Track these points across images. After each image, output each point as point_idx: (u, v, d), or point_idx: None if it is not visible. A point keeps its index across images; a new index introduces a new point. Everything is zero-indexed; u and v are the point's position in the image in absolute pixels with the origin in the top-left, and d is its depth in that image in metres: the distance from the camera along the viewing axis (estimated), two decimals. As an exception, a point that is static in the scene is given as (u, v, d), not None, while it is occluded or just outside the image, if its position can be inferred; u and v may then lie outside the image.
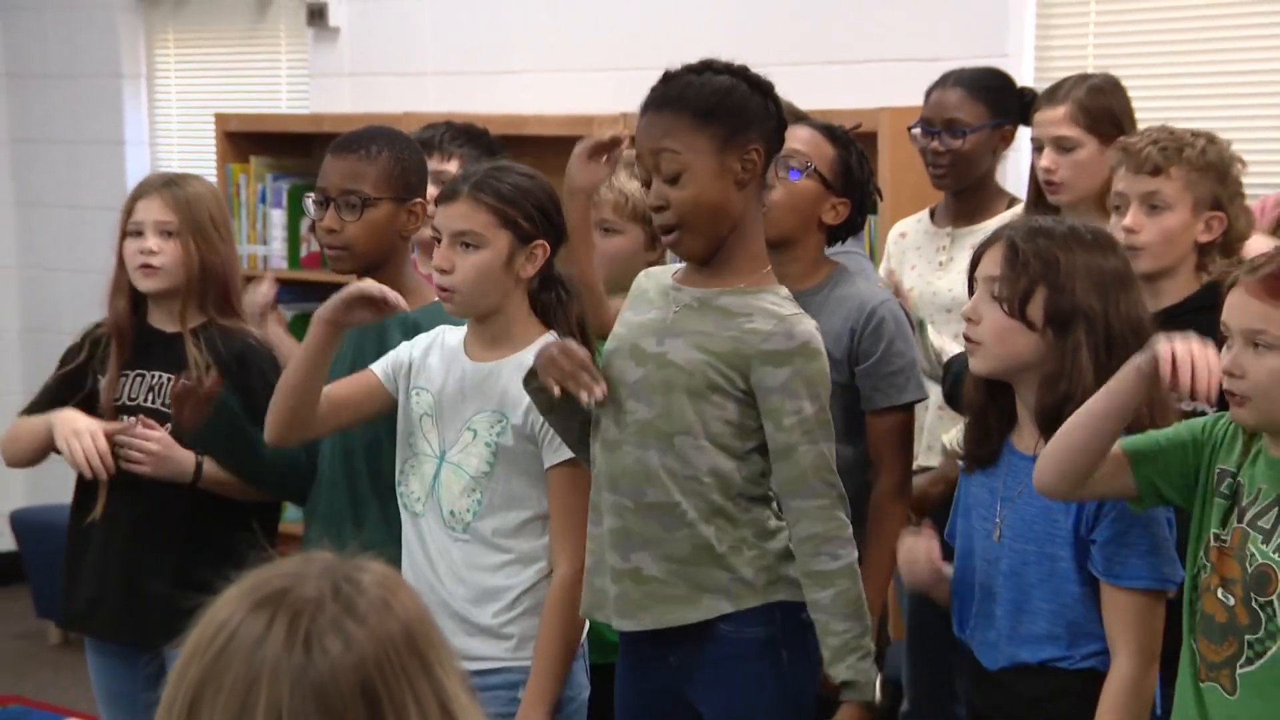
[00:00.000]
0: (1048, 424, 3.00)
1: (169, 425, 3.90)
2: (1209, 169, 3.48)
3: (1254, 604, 2.72)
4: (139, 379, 3.99)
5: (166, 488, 3.89)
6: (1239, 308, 2.75)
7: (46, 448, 3.99)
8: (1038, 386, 3.04)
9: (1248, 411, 2.74)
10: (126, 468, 3.87)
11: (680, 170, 3.18)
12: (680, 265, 3.35)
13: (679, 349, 3.23)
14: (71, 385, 4.06)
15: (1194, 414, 3.24)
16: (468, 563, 3.44)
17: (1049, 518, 3.03)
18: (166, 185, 4.01)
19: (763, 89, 3.25)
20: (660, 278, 3.36)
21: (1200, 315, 3.35)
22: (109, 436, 3.86)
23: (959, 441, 3.43)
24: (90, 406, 3.99)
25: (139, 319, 4.02)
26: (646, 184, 3.25)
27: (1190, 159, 3.47)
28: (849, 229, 3.81)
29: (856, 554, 3.24)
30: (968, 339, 3.11)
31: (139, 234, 3.95)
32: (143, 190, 4.02)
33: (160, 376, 3.96)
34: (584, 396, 3.19)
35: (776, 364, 3.17)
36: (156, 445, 3.86)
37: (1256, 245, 3.48)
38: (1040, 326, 3.03)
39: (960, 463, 3.25)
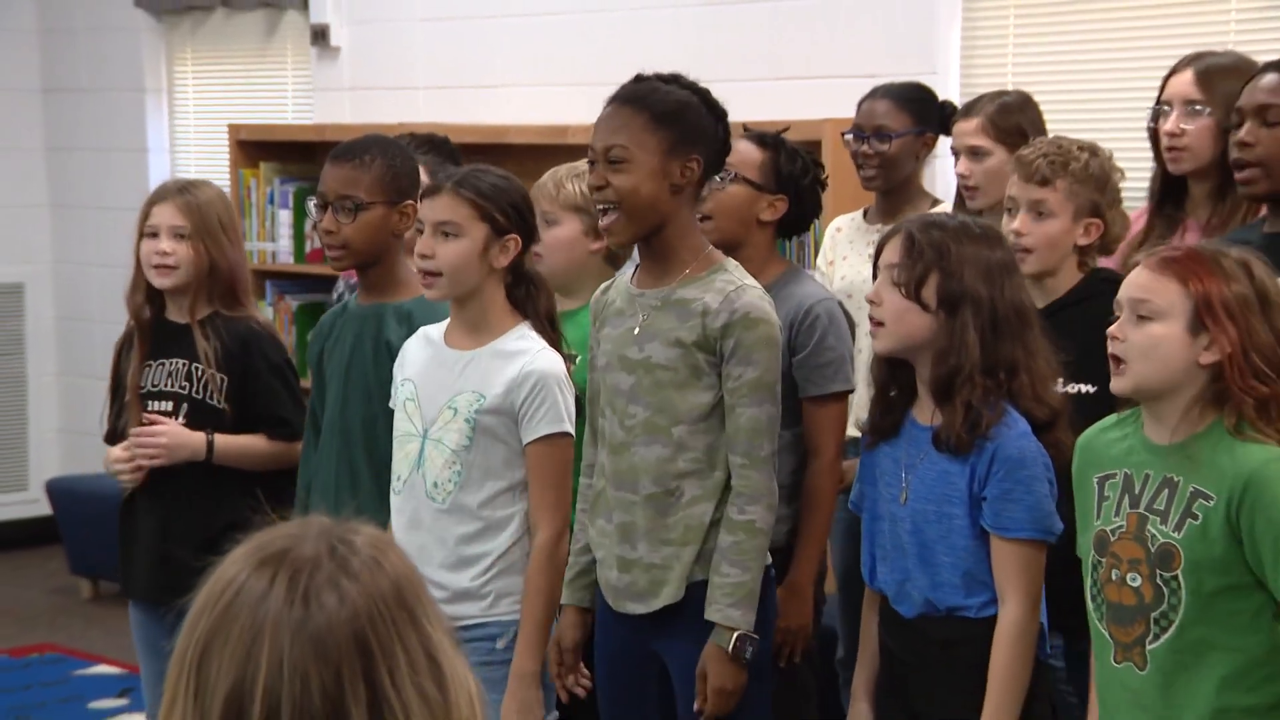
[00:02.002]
0: (940, 394, 3.04)
1: (184, 406, 3.93)
2: (1090, 180, 3.52)
3: (1158, 580, 2.71)
4: (160, 368, 3.99)
5: (186, 468, 3.92)
6: (1131, 283, 2.77)
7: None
8: (931, 361, 3.06)
9: (1125, 378, 2.74)
10: (147, 464, 3.93)
11: (625, 160, 3.19)
12: (633, 270, 3.35)
13: (658, 350, 3.24)
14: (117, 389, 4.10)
15: (1078, 394, 3.29)
16: (449, 532, 3.43)
17: (947, 480, 3.05)
18: (180, 191, 4.01)
19: (717, 113, 3.26)
20: (621, 288, 3.36)
21: (1081, 306, 3.45)
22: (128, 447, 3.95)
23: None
24: (119, 399, 4.04)
25: (157, 313, 4.02)
26: (593, 164, 3.25)
27: (1074, 172, 3.51)
28: (795, 223, 3.80)
29: (767, 516, 3.22)
30: (872, 320, 3.13)
31: (154, 236, 3.95)
32: (158, 196, 4.02)
33: (176, 363, 3.97)
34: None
35: (725, 335, 3.19)
36: (165, 439, 3.91)
37: None
38: (934, 308, 3.05)
39: (865, 437, 3.26)
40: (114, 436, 4.05)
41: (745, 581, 3.19)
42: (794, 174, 3.72)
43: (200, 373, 3.94)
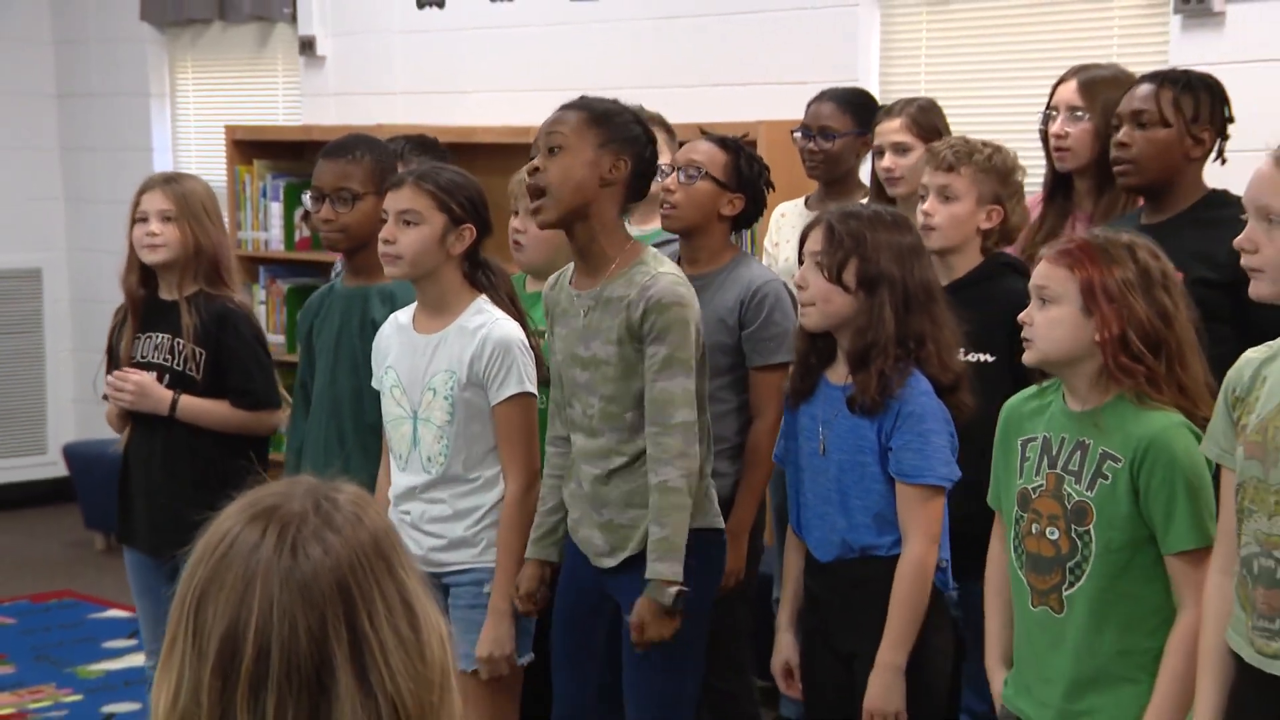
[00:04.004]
0: (857, 363, 3.07)
1: (167, 376, 3.94)
2: (992, 171, 3.54)
3: (1073, 534, 2.72)
4: (148, 340, 4.00)
5: (179, 430, 3.93)
6: (1036, 271, 2.79)
7: (123, 416, 4.06)
8: (850, 335, 3.09)
9: (1031, 353, 2.77)
10: (114, 400, 3.97)
11: (562, 147, 3.20)
12: (570, 271, 3.35)
13: (600, 347, 3.25)
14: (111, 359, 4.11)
15: (978, 363, 3.32)
16: (446, 493, 3.44)
17: (858, 432, 3.08)
18: (166, 181, 4.03)
19: (648, 133, 3.29)
20: (564, 288, 3.35)
21: (982, 285, 3.49)
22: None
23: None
24: (114, 365, 4.04)
25: (149, 292, 4.02)
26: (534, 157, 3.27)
27: (978, 162, 3.54)
28: (748, 218, 3.83)
29: (680, 474, 3.18)
30: (800, 301, 3.16)
31: (144, 220, 3.95)
32: (147, 186, 4.03)
33: (161, 337, 3.98)
34: None
35: (643, 321, 3.20)
36: (133, 385, 3.92)
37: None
38: (854, 289, 3.07)
39: (787, 399, 3.28)
40: None
41: (667, 536, 3.17)
42: (752, 176, 3.75)
43: (181, 346, 3.94)
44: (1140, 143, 3.45)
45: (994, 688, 2.93)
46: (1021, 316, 2.78)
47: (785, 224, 4.48)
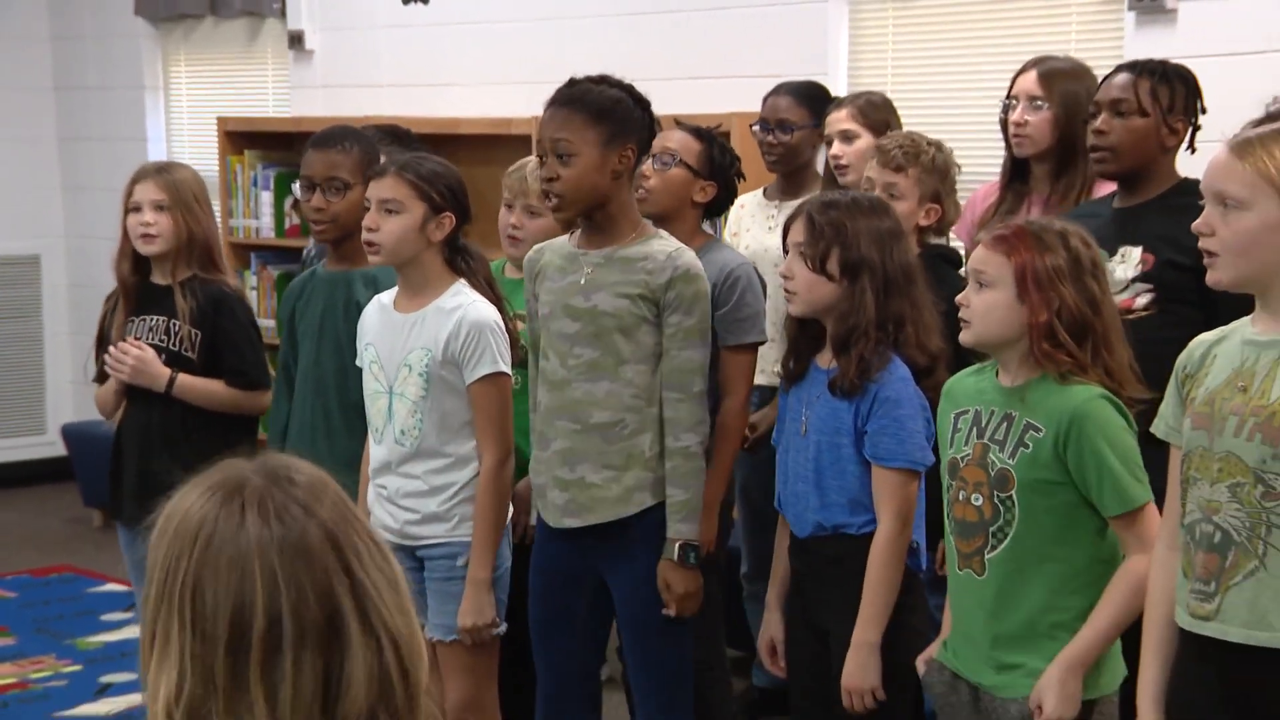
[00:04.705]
0: (839, 347, 3.07)
1: (163, 356, 3.92)
2: (935, 170, 3.59)
3: (996, 499, 2.74)
4: (142, 323, 3.98)
5: (174, 409, 3.91)
6: (974, 256, 2.82)
7: (118, 395, 4.02)
8: (835, 321, 3.09)
9: (968, 333, 2.79)
10: (112, 372, 3.93)
11: (572, 154, 3.19)
12: (571, 236, 3.35)
13: (604, 299, 3.24)
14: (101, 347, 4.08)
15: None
16: (419, 468, 3.44)
17: (836, 415, 3.08)
18: (158, 171, 4.01)
19: (643, 104, 3.27)
20: (556, 249, 3.35)
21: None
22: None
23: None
24: (104, 349, 4.02)
25: (141, 277, 4.00)
26: (542, 158, 3.25)
27: (924, 163, 3.58)
28: (720, 205, 3.83)
29: (699, 440, 3.26)
30: (785, 290, 3.15)
31: (138, 210, 3.93)
32: (139, 176, 4.00)
33: (156, 320, 3.96)
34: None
35: (668, 289, 3.22)
36: (133, 359, 3.89)
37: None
38: (837, 277, 3.07)
39: (782, 382, 3.29)
40: (102, 378, 4.04)
41: (688, 499, 3.23)
42: (724, 165, 3.76)
43: (177, 328, 3.93)
44: (1118, 131, 3.45)
45: None
46: (959, 299, 2.81)
47: (745, 214, 4.48)
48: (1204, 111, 3.49)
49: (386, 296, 3.53)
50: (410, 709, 1.43)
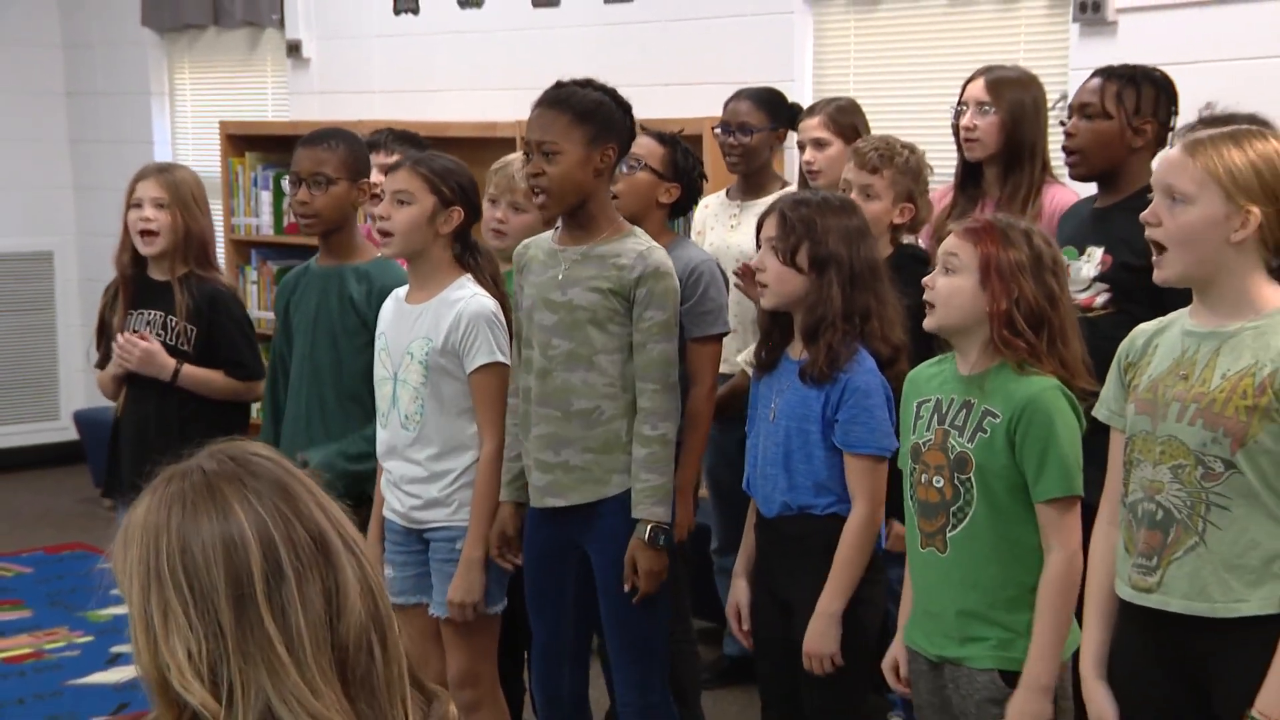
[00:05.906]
0: (808, 337, 3.06)
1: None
2: (908, 172, 3.58)
3: (956, 481, 2.73)
4: (140, 316, 3.96)
5: (172, 397, 3.89)
6: (945, 243, 2.81)
7: (117, 381, 3.99)
8: (804, 313, 3.07)
9: (932, 317, 2.78)
10: (119, 362, 3.89)
11: (556, 152, 3.18)
12: (554, 233, 3.34)
13: (579, 294, 3.23)
14: (102, 335, 4.06)
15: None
16: (421, 453, 3.42)
17: (805, 403, 3.07)
18: (159, 171, 3.99)
19: (625, 108, 3.26)
20: (541, 245, 3.35)
21: (891, 274, 3.46)
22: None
23: (749, 359, 3.47)
24: (105, 338, 4.00)
25: (140, 271, 3.98)
26: (528, 155, 3.23)
27: (898, 164, 3.57)
28: (684, 205, 3.82)
29: (673, 431, 3.25)
30: (759, 283, 3.14)
31: (139, 206, 3.92)
32: (142, 174, 3.99)
33: (153, 314, 3.94)
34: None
35: (639, 285, 3.20)
36: (141, 351, 3.86)
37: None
38: (806, 270, 3.06)
39: (751, 373, 3.27)
40: (103, 363, 4.02)
41: (662, 484, 3.22)
42: (687, 168, 3.75)
43: (174, 323, 3.91)
44: (1084, 133, 3.44)
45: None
46: (925, 281, 2.80)
47: (709, 214, 4.47)
48: (1176, 114, 3.46)
49: (401, 291, 3.52)
50: (389, 617, 1.42)
